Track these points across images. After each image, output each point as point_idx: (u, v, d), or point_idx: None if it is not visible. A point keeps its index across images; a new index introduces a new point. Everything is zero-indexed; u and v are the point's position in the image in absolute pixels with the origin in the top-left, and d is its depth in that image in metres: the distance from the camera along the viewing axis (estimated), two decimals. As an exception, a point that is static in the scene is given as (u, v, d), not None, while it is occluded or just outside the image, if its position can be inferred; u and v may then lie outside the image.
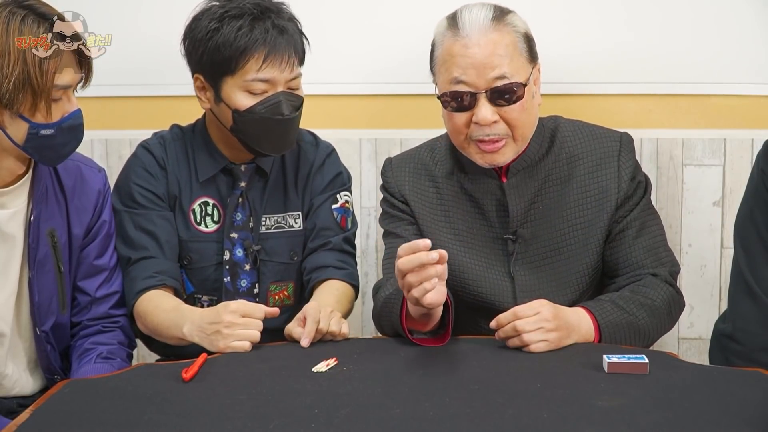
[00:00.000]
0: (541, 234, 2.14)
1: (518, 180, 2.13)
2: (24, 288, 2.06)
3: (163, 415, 1.64)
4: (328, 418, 1.61)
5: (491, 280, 2.14)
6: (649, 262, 2.12)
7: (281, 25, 2.18)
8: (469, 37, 2.03)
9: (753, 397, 1.68)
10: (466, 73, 2.03)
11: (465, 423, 1.59)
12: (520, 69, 2.04)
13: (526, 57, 2.06)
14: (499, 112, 2.04)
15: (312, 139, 2.40)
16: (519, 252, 2.14)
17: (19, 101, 1.88)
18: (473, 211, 2.16)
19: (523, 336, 1.91)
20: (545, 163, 2.15)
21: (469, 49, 2.02)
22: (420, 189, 2.20)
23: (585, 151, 2.16)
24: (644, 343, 2.06)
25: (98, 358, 2.09)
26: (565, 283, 2.14)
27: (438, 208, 2.18)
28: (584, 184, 2.14)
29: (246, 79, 2.16)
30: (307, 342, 1.97)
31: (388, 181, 2.25)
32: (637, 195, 2.15)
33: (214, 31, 2.16)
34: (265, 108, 2.17)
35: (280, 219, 2.33)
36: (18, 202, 2.03)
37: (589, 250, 2.13)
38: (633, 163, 2.16)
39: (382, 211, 2.27)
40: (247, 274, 2.31)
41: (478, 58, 2.02)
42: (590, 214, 2.13)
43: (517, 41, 2.05)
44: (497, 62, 2.02)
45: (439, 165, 2.20)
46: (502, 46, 2.03)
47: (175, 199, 2.28)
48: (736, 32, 2.72)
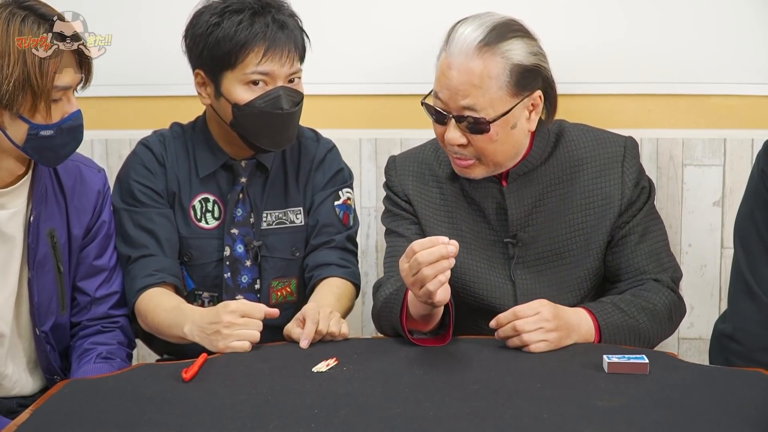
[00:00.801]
0: (543, 238, 2.13)
1: (518, 185, 2.12)
2: (24, 288, 2.06)
3: (163, 415, 1.64)
4: (328, 418, 1.61)
5: (492, 283, 2.14)
6: (651, 267, 2.12)
7: (281, 20, 2.19)
8: (452, 58, 1.98)
9: (753, 397, 1.68)
10: (442, 92, 2.01)
11: (465, 423, 1.59)
12: (494, 103, 1.97)
13: (506, 90, 1.97)
14: (468, 137, 2.01)
15: (313, 135, 2.40)
16: (520, 255, 2.13)
17: (19, 102, 1.88)
18: (475, 213, 2.16)
19: (522, 336, 1.91)
20: (547, 167, 2.13)
21: (450, 71, 1.99)
22: (423, 189, 2.20)
23: (589, 156, 2.14)
24: (644, 346, 2.05)
25: (98, 358, 2.09)
26: (566, 287, 2.13)
27: (441, 209, 2.18)
28: (587, 189, 2.12)
29: (245, 73, 2.17)
30: (306, 343, 1.97)
31: (392, 179, 2.24)
32: (641, 200, 2.14)
33: (214, 26, 2.17)
34: (265, 102, 2.18)
35: (281, 215, 2.33)
36: (18, 203, 2.03)
37: (590, 255, 2.12)
38: (637, 169, 2.14)
39: (385, 209, 2.26)
40: (248, 270, 2.31)
41: (453, 82, 1.98)
42: (593, 219, 2.12)
43: (500, 73, 1.96)
44: (468, 92, 1.97)
45: (443, 166, 2.19)
46: (478, 76, 1.96)
47: (174, 196, 2.29)
48: (736, 32, 2.72)
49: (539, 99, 2.04)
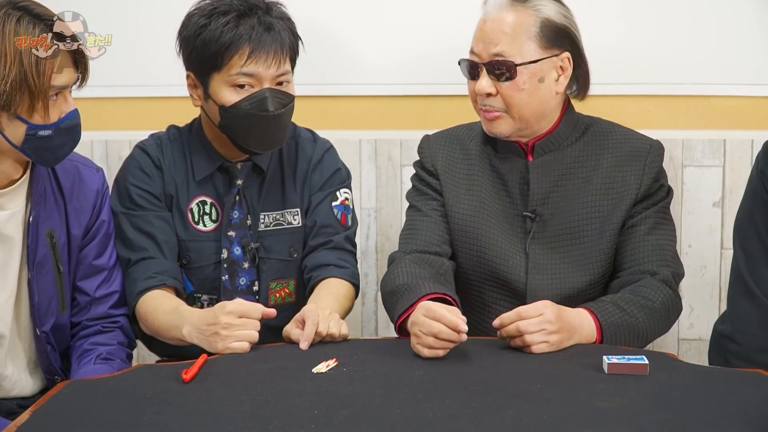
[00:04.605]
0: (560, 216, 2.18)
1: (543, 161, 2.20)
2: (23, 289, 2.06)
3: (163, 416, 1.64)
4: (328, 418, 1.61)
5: (507, 254, 2.19)
6: (654, 259, 2.15)
7: (268, 21, 2.19)
8: (488, 13, 2.14)
9: (752, 398, 1.69)
10: (477, 45, 2.15)
11: (465, 423, 1.59)
12: (522, 50, 2.10)
13: (536, 42, 2.11)
14: (497, 86, 2.13)
15: (310, 136, 2.40)
16: (536, 231, 2.18)
17: (17, 102, 1.88)
18: (499, 186, 2.23)
19: (525, 337, 1.92)
20: (573, 149, 2.21)
21: (484, 24, 2.14)
22: (451, 160, 2.28)
23: (615, 146, 2.22)
24: (641, 343, 2.07)
25: (98, 359, 2.09)
26: (576, 267, 2.17)
27: (465, 178, 2.25)
28: (608, 175, 2.19)
29: (231, 74, 2.17)
30: (306, 345, 1.97)
31: (423, 153, 2.32)
32: (657, 196, 2.20)
33: (202, 28, 2.18)
34: (250, 104, 2.18)
35: (278, 216, 2.33)
36: (16, 203, 2.03)
37: (603, 238, 2.17)
38: (659, 167, 2.21)
39: (412, 185, 2.34)
40: (246, 272, 2.31)
41: (487, 32, 2.13)
42: (609, 204, 2.18)
43: (531, 24, 2.11)
44: (499, 39, 2.11)
45: (474, 141, 2.28)
46: (510, 25, 2.11)
47: (171, 199, 2.29)
48: (736, 33, 2.72)
49: (568, 62, 2.16)
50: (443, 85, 2.77)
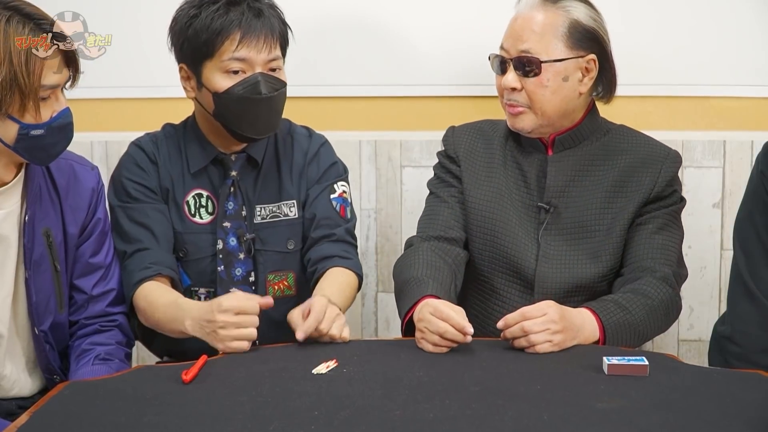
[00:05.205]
0: (573, 210, 2.24)
1: (562, 156, 2.26)
2: (20, 288, 2.05)
3: (162, 417, 1.64)
4: (328, 419, 1.61)
5: (519, 241, 2.24)
6: (656, 257, 2.18)
7: (257, 7, 2.23)
8: (520, 12, 2.22)
9: (752, 399, 1.69)
10: (506, 41, 2.23)
11: (465, 425, 1.59)
12: (549, 48, 2.17)
13: (563, 41, 2.17)
14: (522, 82, 2.19)
15: (305, 132, 2.42)
16: (550, 222, 2.24)
17: (8, 102, 1.88)
18: (518, 176, 2.29)
19: (530, 336, 1.93)
20: (592, 148, 2.27)
21: (516, 21, 2.22)
22: (473, 148, 2.35)
23: (633, 149, 2.27)
24: (640, 342, 2.10)
25: (96, 360, 2.09)
26: (585, 260, 2.22)
27: (486, 166, 2.32)
28: (624, 175, 2.24)
29: (223, 60, 2.19)
30: (303, 336, 1.97)
31: (447, 141, 2.39)
32: (669, 200, 2.24)
33: (192, 18, 2.21)
34: (243, 88, 2.20)
35: (275, 208, 2.34)
36: (11, 203, 2.03)
37: (613, 233, 2.22)
38: (674, 174, 2.26)
39: (434, 174, 2.42)
40: (242, 263, 2.32)
41: (516, 30, 2.21)
42: (622, 202, 2.23)
43: (559, 24, 2.17)
44: (527, 36, 2.18)
45: (497, 134, 2.35)
46: (539, 24, 2.18)
47: (167, 193, 2.30)
48: (736, 34, 2.71)
49: (593, 64, 2.21)
50: (444, 86, 2.77)
